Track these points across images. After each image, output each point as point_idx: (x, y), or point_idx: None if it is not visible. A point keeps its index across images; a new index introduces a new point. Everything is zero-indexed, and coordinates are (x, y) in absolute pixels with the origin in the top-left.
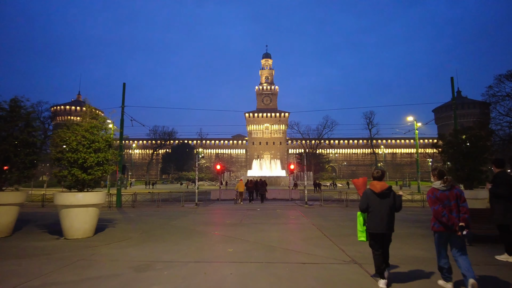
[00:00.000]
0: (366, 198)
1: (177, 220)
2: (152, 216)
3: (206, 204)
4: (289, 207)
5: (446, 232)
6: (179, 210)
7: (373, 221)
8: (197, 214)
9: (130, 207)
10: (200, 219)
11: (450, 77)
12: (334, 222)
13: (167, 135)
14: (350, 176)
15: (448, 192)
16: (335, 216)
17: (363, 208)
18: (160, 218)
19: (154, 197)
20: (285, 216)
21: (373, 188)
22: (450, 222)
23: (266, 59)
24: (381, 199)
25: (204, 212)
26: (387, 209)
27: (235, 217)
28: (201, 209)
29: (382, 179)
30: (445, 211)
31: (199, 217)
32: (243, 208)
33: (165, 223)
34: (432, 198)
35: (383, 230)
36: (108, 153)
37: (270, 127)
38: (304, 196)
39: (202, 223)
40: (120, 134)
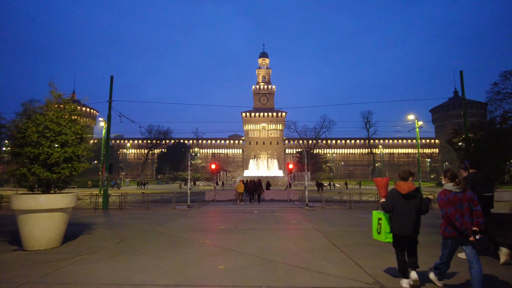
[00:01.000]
0: (392, 199)
1: (164, 225)
2: (138, 219)
3: (200, 206)
4: (289, 209)
5: (458, 237)
6: (169, 213)
7: (397, 222)
8: (188, 218)
9: (118, 209)
10: (190, 224)
11: (460, 71)
12: (342, 227)
13: (162, 134)
14: (347, 176)
15: (461, 195)
16: (340, 220)
17: (388, 209)
18: (146, 222)
19: (146, 198)
20: (285, 220)
21: (399, 188)
22: (464, 226)
23: (263, 58)
24: (407, 201)
25: (196, 215)
26: (412, 211)
27: (229, 222)
28: (193, 212)
29: (409, 180)
30: (458, 215)
31: (190, 222)
32: (239, 211)
33: (150, 229)
34: (444, 201)
35: (407, 232)
36: (79, 148)
37: (267, 126)
38: (304, 197)
39: (191, 229)
40: (107, 130)
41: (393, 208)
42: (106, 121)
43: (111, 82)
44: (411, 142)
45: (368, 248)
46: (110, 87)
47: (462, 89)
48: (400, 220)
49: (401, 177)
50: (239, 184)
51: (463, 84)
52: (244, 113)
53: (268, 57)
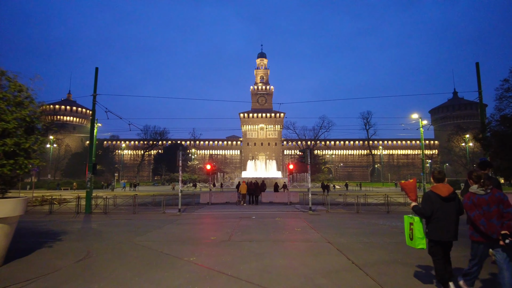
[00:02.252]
0: (431, 202)
1: (146, 234)
2: (119, 227)
3: (193, 210)
4: (290, 213)
5: (486, 242)
6: (156, 218)
7: (439, 228)
8: (176, 225)
9: (102, 213)
10: (177, 233)
11: (476, 62)
12: (356, 237)
13: (159, 135)
14: (346, 178)
15: (488, 197)
16: (352, 227)
17: (427, 214)
18: (126, 230)
19: (135, 201)
20: (288, 227)
21: (438, 191)
22: (490, 230)
23: (261, 58)
24: (447, 204)
25: (186, 222)
26: (453, 214)
27: (223, 230)
28: (184, 217)
29: (445, 181)
30: (483, 218)
31: (177, 230)
32: (235, 216)
33: (127, 240)
34: (468, 204)
35: (450, 238)
36: (27, 139)
37: (265, 127)
38: (306, 199)
39: (177, 241)
40: (91, 125)
41: (432, 212)
42: (91, 116)
43: (96, 75)
44: (411, 143)
45: (399, 268)
46: (94, 80)
47: (478, 82)
48: (442, 225)
49: (437, 178)
50: (242, 185)
51: (480, 76)
52: (242, 114)
53: (266, 58)
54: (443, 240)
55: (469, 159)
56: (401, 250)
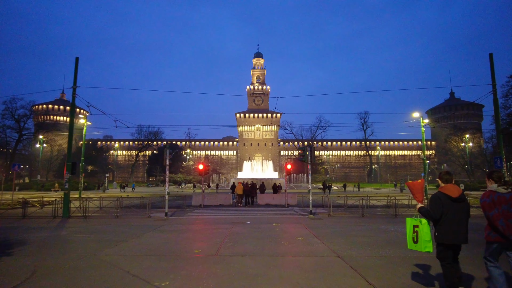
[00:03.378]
0: (441, 204)
1: (119, 245)
2: (92, 234)
3: (183, 213)
4: (289, 218)
5: (504, 242)
6: (139, 224)
7: (449, 230)
8: (158, 232)
9: (81, 217)
10: (156, 244)
11: (489, 53)
12: (369, 249)
13: (153, 135)
14: (343, 179)
15: (509, 196)
16: (361, 236)
17: (436, 217)
18: (97, 239)
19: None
20: (287, 235)
21: (448, 192)
22: (509, 231)
23: (257, 58)
24: (458, 205)
25: (170, 228)
26: (464, 216)
27: (212, 239)
28: (171, 222)
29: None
30: (502, 218)
31: (157, 239)
32: (227, 221)
33: (93, 253)
34: (487, 203)
35: (461, 240)
36: None
37: (262, 128)
38: (305, 201)
39: (153, 254)
40: (70, 119)
41: (442, 214)
42: (70, 110)
43: (76, 65)
44: (408, 144)
45: None
46: (74, 71)
47: (492, 74)
48: (453, 227)
49: (446, 179)
50: (238, 186)
51: (493, 67)
52: (238, 114)
53: (263, 57)
54: (455, 243)
55: (468, 160)
56: (435, 268)
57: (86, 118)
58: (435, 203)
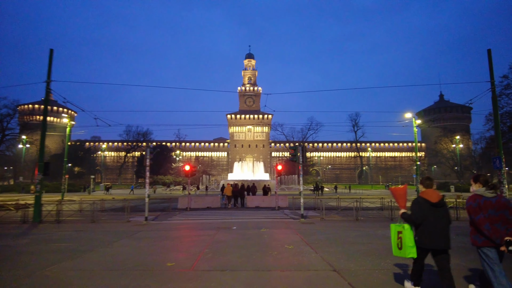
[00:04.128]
0: (421, 209)
1: (82, 256)
2: (57, 242)
3: (166, 217)
4: (279, 222)
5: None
6: (115, 229)
7: (429, 235)
8: (133, 240)
9: (54, 222)
10: (126, 254)
11: (488, 49)
12: (368, 259)
13: (142, 136)
14: (333, 180)
15: (495, 200)
16: (358, 243)
17: (419, 221)
18: (59, 249)
19: (106, 206)
20: (276, 243)
21: (427, 197)
22: (495, 235)
23: (249, 59)
24: (437, 210)
25: (148, 235)
26: (443, 221)
27: (191, 248)
28: (150, 227)
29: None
30: (488, 223)
31: (129, 249)
32: (212, 226)
33: (46, 268)
34: (473, 207)
35: (441, 245)
36: None
37: (253, 129)
38: (296, 203)
39: (117, 269)
40: (43, 115)
41: (423, 219)
42: (44, 105)
43: (50, 58)
44: (398, 145)
45: None
46: (48, 65)
47: (490, 70)
48: (432, 232)
49: (426, 184)
50: (227, 188)
51: (492, 64)
52: (229, 115)
53: (254, 59)
54: (434, 248)
55: (459, 161)
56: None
57: (71, 118)
58: (415, 208)
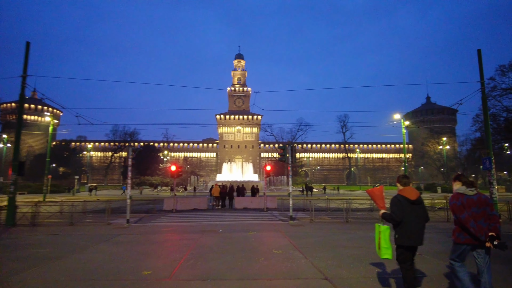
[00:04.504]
0: (401, 207)
1: (49, 264)
2: (27, 248)
3: (151, 219)
4: (267, 224)
5: (473, 244)
6: (93, 233)
7: (408, 233)
8: (111, 244)
9: (29, 225)
10: (98, 262)
11: (477, 49)
12: (361, 265)
13: (129, 136)
14: (322, 181)
15: (477, 198)
16: (349, 247)
17: (400, 219)
18: (26, 256)
19: (89, 207)
20: (264, 247)
21: (406, 195)
22: (480, 232)
23: (238, 60)
24: (416, 208)
25: (128, 239)
26: (421, 218)
27: (171, 254)
28: (131, 230)
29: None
30: (473, 220)
31: (104, 255)
32: (197, 229)
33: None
34: (457, 205)
35: (419, 242)
36: None
37: (242, 130)
38: (285, 204)
39: (84, 279)
40: (18, 112)
41: (403, 217)
42: (19, 101)
43: (27, 51)
44: (386, 147)
45: None
46: (25, 58)
47: (480, 70)
48: (411, 229)
49: (404, 182)
50: (215, 188)
51: (482, 64)
52: (218, 116)
53: (244, 59)
54: (413, 245)
55: (446, 162)
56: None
57: (57, 118)
58: (396, 206)
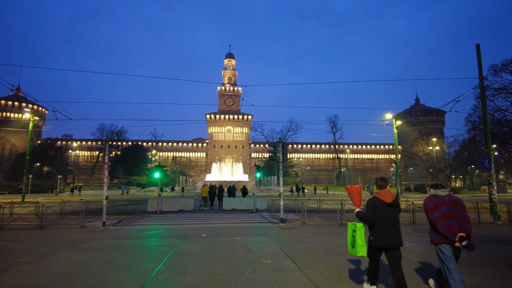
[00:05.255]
0: (376, 209)
1: None
2: None
3: (131, 221)
4: (256, 227)
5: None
6: (62, 238)
7: (383, 234)
8: (77, 251)
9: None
10: (56, 274)
11: (476, 44)
12: (361, 277)
13: (116, 134)
14: (312, 181)
15: (448, 198)
16: (348, 254)
17: (373, 221)
18: None
19: (66, 208)
20: (252, 256)
21: (382, 197)
22: (449, 232)
23: (229, 59)
24: (391, 210)
25: (98, 245)
26: (396, 220)
27: (142, 265)
28: (105, 235)
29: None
30: (443, 221)
31: (65, 265)
32: (179, 232)
33: None
34: (429, 206)
35: (394, 244)
36: None
37: (233, 129)
38: (278, 206)
39: None
40: None
41: (377, 219)
42: None
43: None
44: (375, 147)
45: None
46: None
47: (479, 65)
48: (386, 231)
49: (380, 185)
50: (204, 189)
51: (481, 59)
52: (208, 115)
53: (235, 58)
54: (388, 246)
55: (436, 163)
56: None
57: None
58: (370, 208)
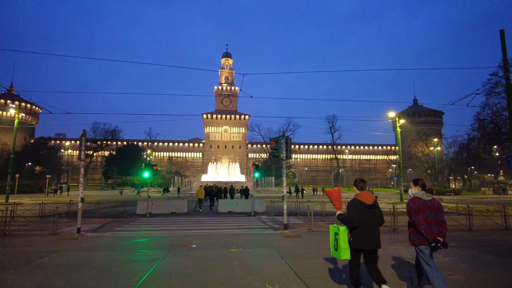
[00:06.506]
0: (357, 211)
1: None
2: None
3: (114, 226)
4: (256, 235)
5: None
6: (19, 250)
7: (363, 236)
8: (27, 270)
9: None
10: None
11: (500, 30)
12: None
13: (110, 134)
14: (310, 182)
15: (431, 203)
16: None
17: (356, 223)
18: None
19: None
20: (252, 280)
21: (362, 199)
22: (429, 235)
23: (226, 58)
24: (371, 212)
25: (60, 260)
26: (377, 222)
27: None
28: (75, 245)
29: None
30: (425, 223)
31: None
32: (165, 241)
33: None
34: (414, 208)
35: (374, 246)
36: None
37: (230, 129)
38: (279, 209)
39: None
40: None
41: (359, 221)
42: None
43: None
44: (373, 148)
45: None
46: None
47: (504, 53)
48: (366, 233)
49: (360, 186)
50: (199, 190)
51: (505, 46)
52: (205, 115)
53: (232, 58)
54: (367, 248)
55: (436, 164)
56: None
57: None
58: (352, 210)
